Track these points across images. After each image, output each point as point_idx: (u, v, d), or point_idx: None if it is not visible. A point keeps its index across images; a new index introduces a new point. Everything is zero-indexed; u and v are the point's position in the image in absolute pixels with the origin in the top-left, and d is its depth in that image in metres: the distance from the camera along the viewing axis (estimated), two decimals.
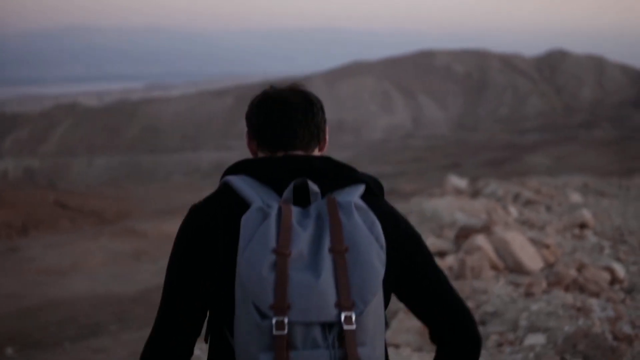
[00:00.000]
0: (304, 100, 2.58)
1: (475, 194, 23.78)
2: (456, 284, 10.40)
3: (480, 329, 8.73)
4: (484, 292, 10.01)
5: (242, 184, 2.38)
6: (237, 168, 2.49)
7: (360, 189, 2.42)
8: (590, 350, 7.65)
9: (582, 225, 16.04)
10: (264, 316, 2.12)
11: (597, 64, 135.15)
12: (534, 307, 8.80)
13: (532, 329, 8.28)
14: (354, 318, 2.13)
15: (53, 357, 18.05)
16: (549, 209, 20.02)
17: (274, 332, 2.09)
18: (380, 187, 2.53)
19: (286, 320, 2.10)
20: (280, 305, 2.10)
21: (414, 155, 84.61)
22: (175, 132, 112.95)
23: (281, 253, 2.15)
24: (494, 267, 11.39)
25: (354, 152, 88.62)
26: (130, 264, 30.85)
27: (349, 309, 2.13)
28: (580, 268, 11.62)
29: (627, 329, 8.30)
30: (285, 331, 2.09)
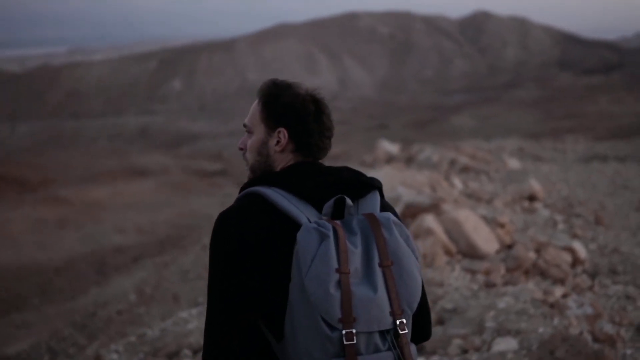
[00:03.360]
0: (329, 111, 2.80)
1: (409, 160, 22.89)
2: None
3: (439, 330, 7.57)
4: (440, 285, 8.86)
5: (280, 199, 2.54)
6: (266, 181, 2.64)
7: (377, 195, 2.69)
8: (571, 357, 6.55)
9: (531, 197, 15.06)
10: (332, 328, 2.32)
11: (520, 25, 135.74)
12: (501, 304, 7.64)
13: (501, 331, 7.13)
14: (405, 323, 2.40)
15: None
16: (488, 175, 19.12)
17: (345, 342, 2.31)
18: (382, 188, 2.76)
19: (354, 331, 2.31)
20: (348, 319, 2.31)
21: (340, 117, 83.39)
22: (98, 96, 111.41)
23: (343, 272, 2.34)
24: (447, 251, 10.26)
25: None
26: (54, 232, 29.99)
27: (401, 316, 2.39)
28: (539, 249, 10.58)
29: (608, 328, 7.23)
30: (354, 341, 2.31)
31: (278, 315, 2.47)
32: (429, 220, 10.46)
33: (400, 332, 2.37)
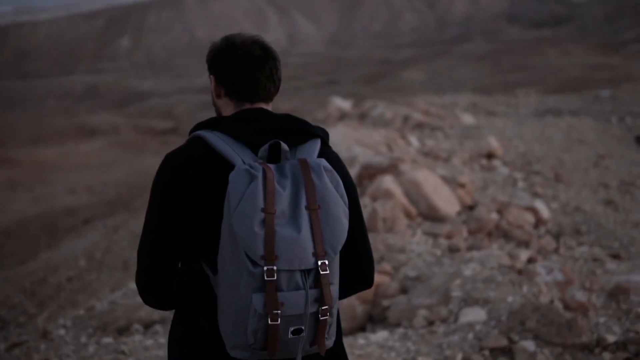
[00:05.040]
0: (269, 55, 2.86)
1: (361, 116, 22.56)
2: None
3: (403, 299, 7.22)
4: (401, 251, 8.49)
5: (219, 142, 2.67)
6: (210, 125, 2.75)
7: (318, 143, 2.78)
8: (542, 327, 6.25)
9: (490, 155, 14.76)
10: (255, 264, 2.44)
11: None
12: (466, 271, 7.29)
13: (468, 301, 6.80)
14: (327, 264, 2.50)
15: None
16: (443, 131, 18.82)
17: (265, 278, 2.43)
18: (327, 137, 2.89)
19: (275, 268, 2.43)
20: (270, 257, 2.43)
21: (290, 73, 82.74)
22: (46, 56, 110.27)
23: (268, 212, 2.46)
24: (407, 214, 9.89)
25: None
26: (4, 194, 29.68)
27: (324, 257, 2.50)
28: (501, 209, 10.28)
29: (579, 295, 6.92)
30: (275, 277, 2.44)
31: (212, 252, 2.62)
32: (388, 182, 10.09)
33: (322, 273, 2.48)
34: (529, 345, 6.06)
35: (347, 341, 6.33)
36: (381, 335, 6.56)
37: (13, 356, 8.25)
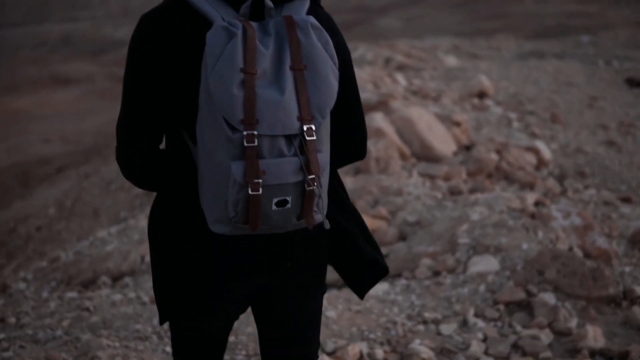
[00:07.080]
0: None
1: None
2: (360, 180, 8.10)
3: (403, 247, 6.47)
4: (398, 193, 7.72)
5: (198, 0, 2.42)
6: None
7: (306, 3, 2.49)
8: (564, 278, 5.54)
9: (481, 94, 14.00)
10: (234, 129, 2.25)
11: None
12: (474, 215, 6.52)
13: (478, 248, 6.04)
14: (314, 129, 2.30)
15: None
16: (427, 73, 18.08)
17: (245, 144, 2.23)
18: None
19: (255, 133, 2.23)
20: (250, 120, 2.24)
21: None
22: (19, 4, 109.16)
23: (248, 72, 2.26)
24: (400, 154, 9.11)
25: None
26: None
27: (310, 122, 2.30)
28: (500, 150, 9.54)
29: (601, 242, 6.18)
30: (255, 143, 2.23)
31: (192, 120, 2.41)
32: (379, 120, 9.31)
33: (308, 138, 2.30)
34: (549, 298, 5.36)
35: (342, 294, 5.58)
36: (381, 287, 5.80)
37: None
